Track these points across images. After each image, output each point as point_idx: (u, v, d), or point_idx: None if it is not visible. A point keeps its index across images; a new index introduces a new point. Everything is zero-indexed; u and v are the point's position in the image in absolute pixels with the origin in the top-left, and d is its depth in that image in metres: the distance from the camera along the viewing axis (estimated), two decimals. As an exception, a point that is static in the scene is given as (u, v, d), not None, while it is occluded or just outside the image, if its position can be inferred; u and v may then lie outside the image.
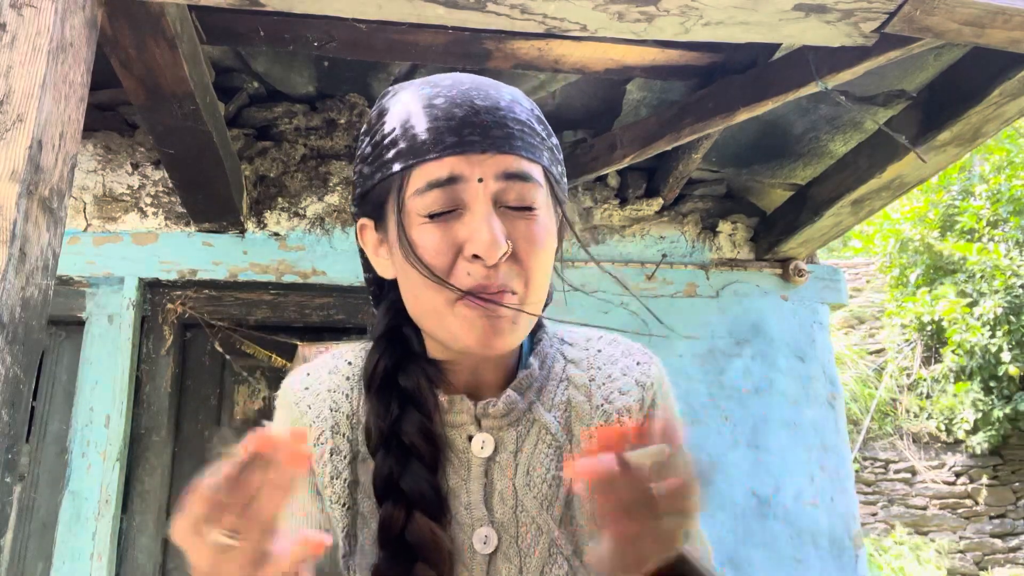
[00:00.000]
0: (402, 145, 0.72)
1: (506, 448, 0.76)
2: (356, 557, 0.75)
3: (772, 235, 2.99)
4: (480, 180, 0.70)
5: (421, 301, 0.73)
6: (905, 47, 1.80)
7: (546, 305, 0.86)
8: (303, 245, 2.64)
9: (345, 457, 0.78)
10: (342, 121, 2.68)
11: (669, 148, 2.46)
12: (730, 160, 2.91)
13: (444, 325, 0.72)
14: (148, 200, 2.60)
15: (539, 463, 0.76)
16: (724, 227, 3.06)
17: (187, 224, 2.60)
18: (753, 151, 2.83)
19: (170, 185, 2.57)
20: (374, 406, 0.76)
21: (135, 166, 2.63)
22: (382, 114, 0.75)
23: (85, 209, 2.56)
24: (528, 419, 0.78)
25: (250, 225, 2.64)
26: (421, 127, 0.71)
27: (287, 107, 2.63)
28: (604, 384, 0.81)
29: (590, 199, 2.97)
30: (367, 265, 0.83)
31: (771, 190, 3.08)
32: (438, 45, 2.16)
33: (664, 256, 2.96)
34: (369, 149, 0.75)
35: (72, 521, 2.30)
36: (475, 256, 0.69)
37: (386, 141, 0.73)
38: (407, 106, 0.73)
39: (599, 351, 0.85)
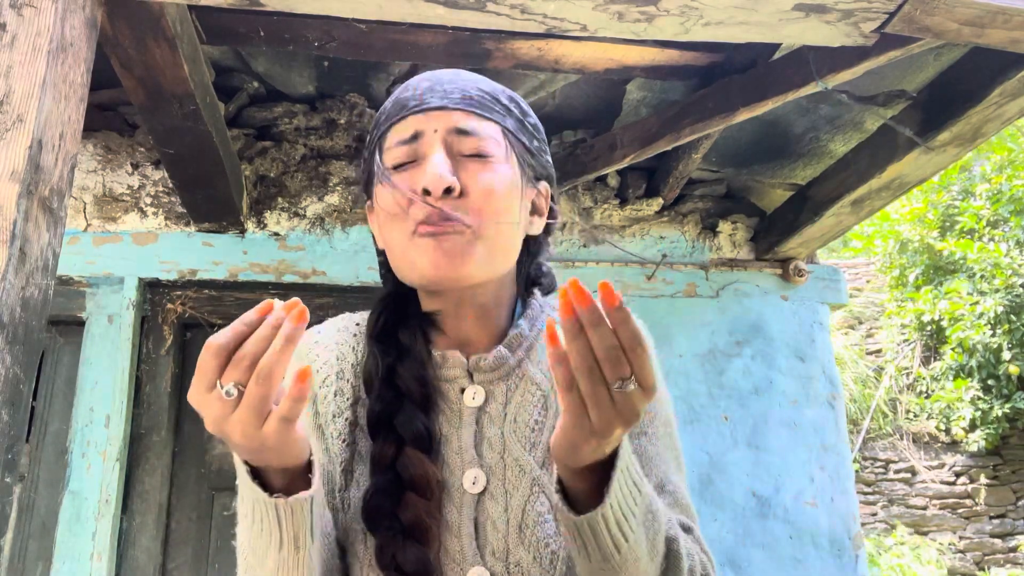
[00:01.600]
0: (382, 119, 0.85)
1: (496, 399, 0.82)
2: (352, 490, 0.80)
3: (772, 235, 2.99)
4: (435, 131, 0.79)
5: (390, 242, 0.82)
6: (905, 47, 1.80)
7: (537, 285, 0.93)
8: (303, 245, 2.64)
9: (348, 399, 0.84)
10: (342, 121, 2.68)
11: (669, 148, 2.46)
12: (730, 160, 2.91)
13: (407, 257, 0.79)
14: (148, 200, 2.60)
15: (525, 411, 0.81)
16: (724, 227, 3.06)
17: (187, 224, 2.60)
18: (753, 151, 2.83)
19: (170, 185, 2.57)
20: (373, 354, 0.83)
21: (135, 166, 2.63)
22: (379, 110, 0.88)
23: (85, 209, 2.56)
24: (518, 374, 0.84)
25: (250, 225, 2.64)
26: (396, 100, 0.84)
27: (287, 107, 2.63)
28: None
29: (590, 199, 2.97)
30: (379, 248, 0.90)
31: (771, 190, 3.08)
32: (438, 45, 2.16)
33: (664, 256, 2.96)
34: (368, 137, 0.88)
35: (72, 521, 2.30)
36: (425, 191, 0.76)
37: (374, 125, 0.87)
38: (394, 93, 0.86)
39: None
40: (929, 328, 7.56)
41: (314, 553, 0.69)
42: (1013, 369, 6.76)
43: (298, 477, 0.66)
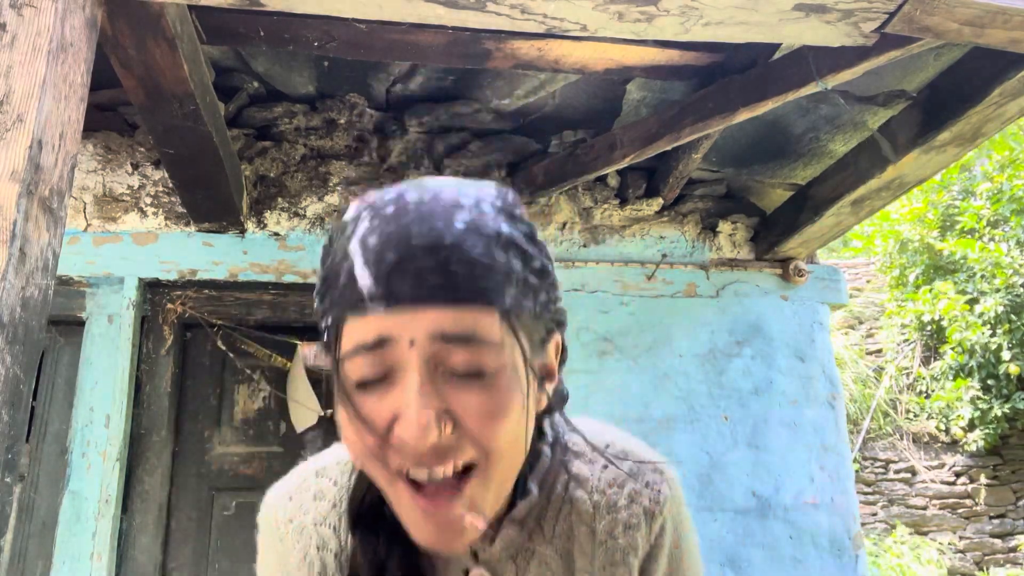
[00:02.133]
0: (334, 292, 0.62)
1: None
2: None
3: (772, 235, 2.99)
4: (412, 343, 0.58)
5: (374, 478, 0.66)
6: (905, 47, 1.80)
7: (552, 411, 0.77)
8: (303, 245, 2.64)
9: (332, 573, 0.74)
10: (342, 121, 2.68)
11: (669, 148, 2.46)
12: (730, 160, 2.91)
13: (393, 506, 0.65)
14: (148, 200, 2.60)
15: None
16: (724, 227, 3.06)
17: (187, 224, 2.60)
18: (753, 151, 2.83)
19: (170, 185, 2.57)
20: (361, 544, 0.71)
21: (135, 166, 2.63)
22: (330, 242, 0.65)
23: (85, 209, 2.56)
24: (527, 551, 0.73)
25: (250, 225, 2.64)
26: (350, 273, 0.60)
27: (287, 107, 2.63)
28: (608, 513, 0.74)
29: (590, 199, 2.97)
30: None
31: (771, 190, 3.08)
32: (438, 45, 2.16)
33: (664, 256, 2.96)
34: (319, 283, 0.65)
35: (72, 521, 2.30)
36: (400, 439, 0.59)
37: (326, 280, 0.64)
38: (347, 238, 0.62)
39: (605, 467, 0.76)
40: (929, 328, 7.56)
41: None
42: (1014, 369, 6.76)
43: None
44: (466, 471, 0.61)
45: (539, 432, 0.76)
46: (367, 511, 0.71)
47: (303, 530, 0.75)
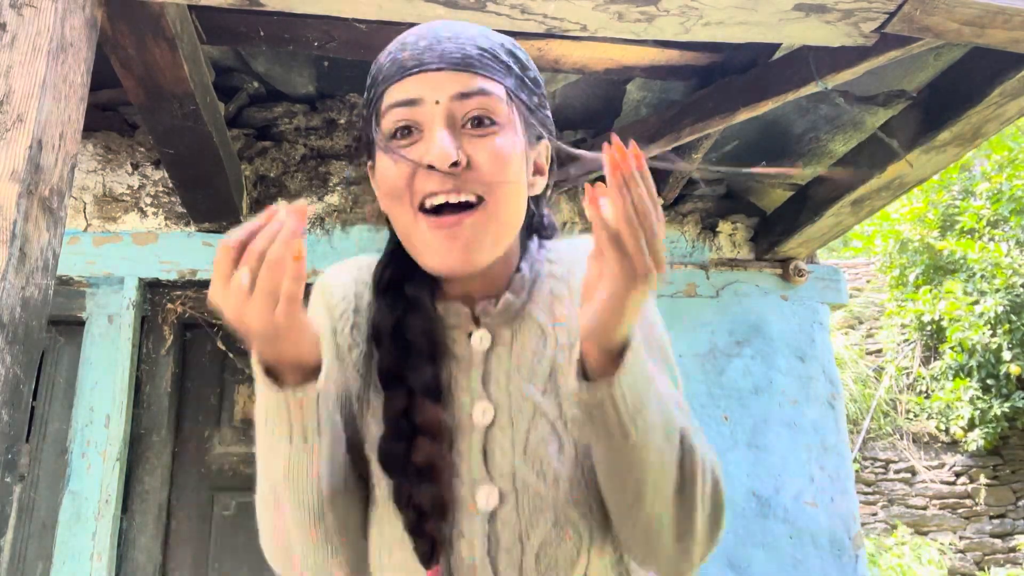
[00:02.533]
0: (379, 79, 0.83)
1: (502, 342, 0.85)
2: (367, 418, 0.85)
3: (772, 235, 2.99)
4: (437, 103, 0.77)
5: (394, 216, 0.82)
6: (905, 47, 1.80)
7: (539, 234, 0.93)
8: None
9: (363, 333, 0.88)
10: (342, 121, 2.68)
11: (669, 148, 2.46)
12: (730, 160, 2.91)
13: (412, 243, 0.80)
14: (148, 200, 2.60)
15: (528, 348, 0.84)
16: (724, 227, 3.06)
17: (187, 224, 2.60)
18: (753, 151, 2.83)
19: (170, 185, 2.57)
20: (380, 308, 0.85)
21: (135, 166, 2.63)
22: (374, 64, 0.86)
23: (85, 209, 2.56)
24: (522, 316, 0.86)
25: (250, 225, 2.64)
26: (393, 61, 0.81)
27: (287, 107, 2.63)
28: (580, 270, 0.86)
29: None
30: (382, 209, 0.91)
31: (771, 190, 3.08)
32: (438, 45, 2.16)
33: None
34: (365, 95, 0.86)
35: (72, 521, 2.30)
36: (430, 166, 0.75)
37: (371, 82, 0.85)
38: (389, 49, 0.84)
39: (576, 248, 0.91)
40: (929, 328, 7.56)
41: (323, 452, 0.74)
42: (1014, 369, 6.76)
43: (310, 377, 0.71)
44: (474, 207, 0.77)
45: (533, 232, 0.92)
46: (389, 281, 0.86)
47: (344, 283, 0.92)
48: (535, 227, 0.94)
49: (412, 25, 1.96)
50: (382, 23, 2.00)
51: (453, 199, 0.76)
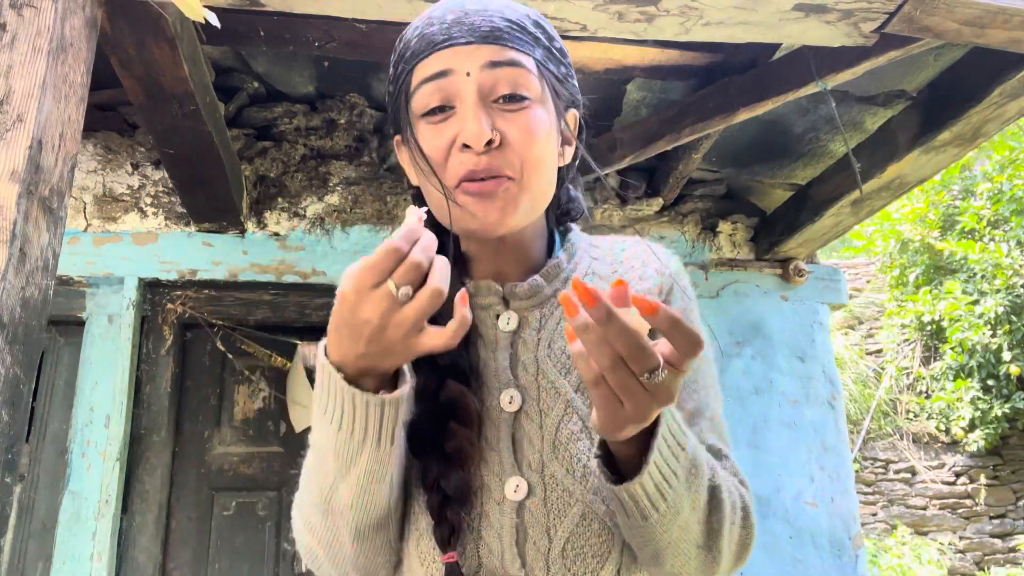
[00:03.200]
0: (407, 55, 0.80)
1: (530, 325, 0.84)
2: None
3: (772, 235, 2.99)
4: (468, 74, 0.75)
5: (429, 193, 0.81)
6: (905, 47, 1.80)
7: (567, 214, 0.93)
8: (303, 245, 2.64)
9: None
10: (342, 121, 2.68)
11: (669, 148, 2.46)
12: (730, 160, 2.91)
13: (446, 212, 0.78)
14: (148, 200, 2.60)
15: (560, 338, 0.83)
16: (724, 227, 3.06)
17: (187, 224, 2.60)
18: (753, 151, 2.83)
19: (170, 185, 2.57)
20: None
21: (135, 166, 2.63)
22: (399, 40, 0.84)
23: (85, 209, 2.56)
24: (552, 303, 0.85)
25: (250, 225, 2.64)
26: (421, 36, 0.79)
27: (287, 107, 2.63)
28: (625, 274, 0.88)
29: (590, 199, 2.97)
30: (409, 182, 0.89)
31: (771, 190, 3.08)
32: (438, 45, 2.16)
33: (664, 256, 2.96)
34: (391, 71, 0.84)
35: (72, 521, 2.30)
36: (465, 146, 0.74)
37: (397, 58, 0.82)
38: (415, 24, 0.82)
39: (623, 250, 0.92)
40: (929, 328, 7.56)
41: (400, 450, 0.73)
42: (1014, 370, 6.76)
43: (386, 381, 0.70)
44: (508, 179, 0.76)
45: (562, 211, 0.93)
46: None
47: None
48: (563, 205, 0.93)
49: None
50: (382, 23, 2.01)
51: (490, 186, 0.76)
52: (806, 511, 2.81)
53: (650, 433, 0.66)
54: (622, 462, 0.70)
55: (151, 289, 2.58)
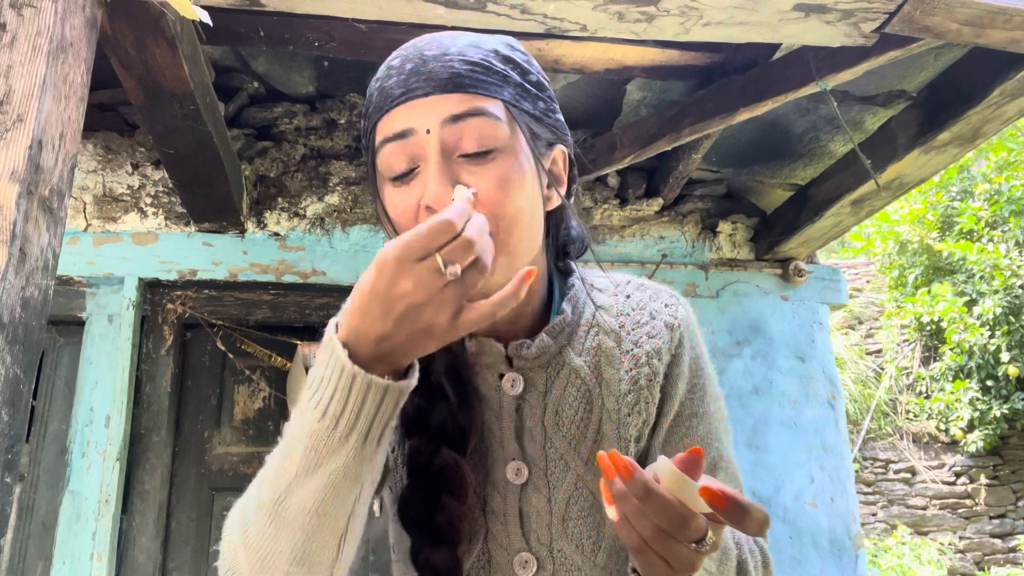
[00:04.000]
0: (369, 109, 0.76)
1: (536, 388, 0.79)
2: (391, 480, 0.81)
3: (772, 235, 2.99)
4: (428, 132, 0.70)
5: None
6: (905, 47, 1.80)
7: (567, 249, 0.88)
8: (303, 245, 2.64)
9: None
10: (342, 121, 2.68)
11: (669, 148, 2.46)
12: (730, 160, 2.91)
13: None
14: (148, 200, 2.60)
15: (568, 405, 0.79)
16: (724, 227, 3.06)
17: (187, 224, 2.60)
18: (753, 151, 2.83)
19: (170, 185, 2.57)
20: None
21: (135, 166, 2.63)
22: (368, 89, 0.80)
23: (85, 209, 2.56)
24: (558, 362, 0.80)
25: (250, 225, 2.64)
26: (380, 89, 0.74)
27: (287, 107, 2.63)
28: (633, 330, 0.83)
29: (590, 199, 2.97)
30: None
31: (771, 190, 3.08)
32: (438, 45, 2.15)
33: (664, 256, 2.96)
34: (361, 123, 0.82)
35: (72, 521, 2.30)
36: (428, 208, 0.69)
37: (362, 113, 0.79)
38: (377, 75, 0.77)
39: (628, 296, 0.86)
40: (928, 328, 7.56)
41: (378, 468, 0.67)
42: (1013, 370, 6.76)
43: (398, 376, 0.64)
44: None
45: (561, 251, 0.87)
46: None
47: None
48: (561, 243, 0.87)
49: (412, 25, 1.96)
50: (382, 23, 2.01)
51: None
52: (806, 511, 2.81)
53: None
54: None
55: (151, 289, 2.58)
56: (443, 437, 0.75)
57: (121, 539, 2.36)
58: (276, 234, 2.65)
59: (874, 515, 7.06)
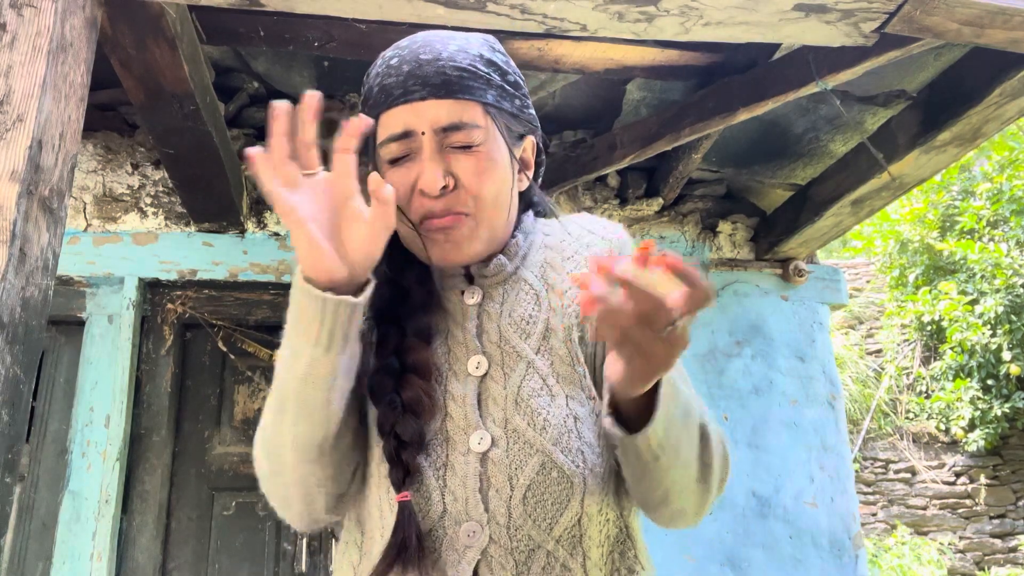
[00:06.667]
0: (370, 102, 0.91)
1: (493, 300, 0.92)
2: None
3: (772, 235, 2.99)
4: (423, 134, 0.86)
5: (397, 227, 0.87)
6: (905, 47, 1.80)
7: (536, 209, 1.03)
8: (303, 245, 2.64)
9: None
10: (342, 121, 2.68)
11: (669, 148, 2.46)
12: (730, 160, 2.91)
13: (412, 244, 0.90)
14: (148, 200, 2.60)
15: (519, 307, 0.92)
16: (724, 227, 3.06)
17: (187, 224, 2.60)
18: (753, 151, 2.83)
19: (170, 185, 2.57)
20: (380, 262, 0.87)
21: (135, 166, 2.63)
22: (367, 78, 0.95)
23: (85, 209, 2.56)
24: (514, 279, 0.94)
25: (250, 225, 2.64)
26: (381, 86, 0.90)
27: (287, 107, 2.63)
28: (573, 243, 0.97)
29: (590, 199, 2.97)
30: None
31: (771, 190, 3.08)
32: (438, 45, 2.15)
33: (664, 256, 2.96)
34: (361, 103, 0.95)
35: (72, 521, 2.30)
36: (421, 191, 0.86)
37: (365, 96, 0.94)
38: (377, 69, 0.93)
39: (571, 223, 1.01)
40: (929, 328, 7.56)
41: (346, 366, 0.78)
42: (1014, 369, 6.76)
43: (360, 290, 0.77)
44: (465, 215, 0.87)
45: (525, 209, 1.01)
46: (390, 244, 0.84)
47: None
48: (529, 205, 1.02)
49: (412, 25, 1.97)
50: (382, 23, 2.01)
51: (447, 221, 0.86)
52: (806, 511, 2.81)
53: (655, 387, 0.75)
54: (629, 418, 0.78)
55: (151, 289, 2.58)
56: (409, 329, 0.88)
57: (121, 539, 2.36)
58: (276, 234, 2.65)
59: (874, 515, 7.06)
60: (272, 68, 2.47)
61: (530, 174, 0.98)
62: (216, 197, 2.43)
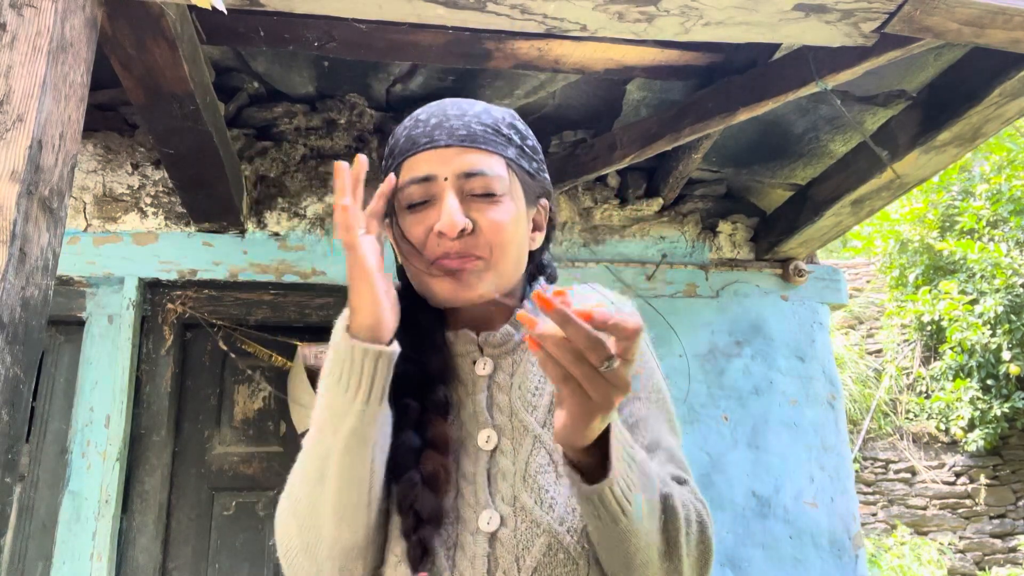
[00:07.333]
0: (396, 151, 0.94)
1: (503, 370, 0.94)
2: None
3: (772, 235, 2.99)
4: (446, 179, 0.88)
5: (408, 267, 0.93)
6: (905, 47, 1.80)
7: (544, 272, 1.05)
8: (303, 245, 2.64)
9: None
10: (342, 121, 2.68)
11: (669, 148, 2.46)
12: (730, 160, 2.91)
13: (425, 283, 0.91)
14: (148, 200, 2.60)
15: (528, 380, 0.93)
16: (724, 227, 3.06)
17: (187, 224, 2.60)
18: (753, 151, 2.83)
19: (170, 185, 2.57)
20: (396, 334, 0.89)
21: (135, 166, 2.63)
22: (393, 134, 0.98)
23: (85, 209, 2.56)
24: (522, 348, 0.95)
25: (250, 225, 2.64)
26: (408, 136, 0.93)
27: (287, 107, 2.63)
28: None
29: (590, 199, 2.97)
30: (395, 257, 1.01)
31: (771, 190, 3.08)
32: (438, 45, 2.16)
33: (664, 256, 2.96)
34: (387, 154, 0.97)
35: (72, 521, 2.30)
36: (439, 232, 0.87)
37: (388, 153, 0.97)
38: (405, 123, 0.96)
39: (583, 297, 0.97)
40: (929, 328, 7.56)
41: (384, 419, 0.81)
42: (1014, 369, 6.76)
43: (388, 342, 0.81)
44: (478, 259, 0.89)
45: (537, 274, 1.04)
46: (403, 311, 0.89)
47: None
48: (538, 270, 1.05)
49: (412, 25, 1.97)
50: (382, 23, 2.01)
51: (461, 263, 0.89)
52: (806, 511, 2.81)
53: (604, 446, 0.74)
54: (586, 476, 0.76)
55: (151, 289, 2.58)
56: (428, 403, 0.89)
57: (121, 539, 2.36)
58: (276, 234, 2.65)
59: (874, 515, 7.06)
60: (272, 68, 2.47)
61: (542, 236, 1.00)
62: (216, 197, 2.43)
